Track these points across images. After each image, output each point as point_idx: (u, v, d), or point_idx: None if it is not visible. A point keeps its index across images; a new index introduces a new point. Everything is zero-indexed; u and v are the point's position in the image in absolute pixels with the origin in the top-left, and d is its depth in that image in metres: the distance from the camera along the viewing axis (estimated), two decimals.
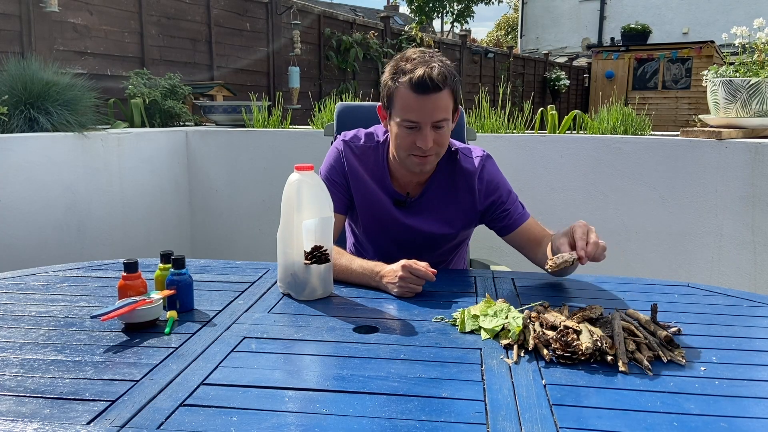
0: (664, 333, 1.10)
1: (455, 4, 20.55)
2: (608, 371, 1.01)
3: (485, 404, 0.90)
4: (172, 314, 1.22)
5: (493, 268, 1.77)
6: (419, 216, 1.63)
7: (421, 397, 0.92)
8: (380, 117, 1.60)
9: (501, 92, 3.78)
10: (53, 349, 1.09)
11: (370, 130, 1.69)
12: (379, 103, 1.58)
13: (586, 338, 1.05)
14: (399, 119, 1.47)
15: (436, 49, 1.57)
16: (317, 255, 1.34)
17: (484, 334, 1.15)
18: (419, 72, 1.41)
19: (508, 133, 3.05)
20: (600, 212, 2.81)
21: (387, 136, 1.64)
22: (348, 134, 1.68)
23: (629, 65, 14.41)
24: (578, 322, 1.11)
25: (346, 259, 1.49)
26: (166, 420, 0.85)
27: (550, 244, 1.44)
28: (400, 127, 1.48)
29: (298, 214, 1.32)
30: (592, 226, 1.36)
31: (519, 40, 20.99)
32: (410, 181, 1.62)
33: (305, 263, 1.34)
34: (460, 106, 1.53)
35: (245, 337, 1.15)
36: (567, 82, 15.16)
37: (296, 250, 1.34)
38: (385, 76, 1.50)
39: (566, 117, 3.02)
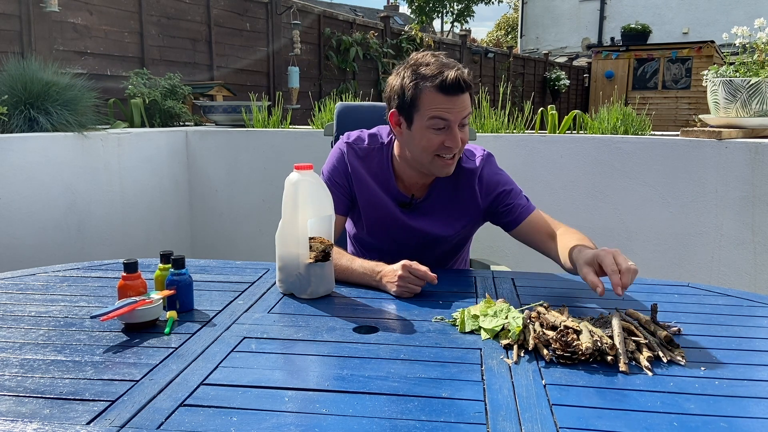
0: (664, 333, 1.10)
1: (455, 4, 20.56)
2: (608, 371, 1.01)
3: (485, 404, 0.90)
4: (171, 314, 1.22)
5: (493, 268, 1.77)
6: (424, 218, 1.62)
7: (421, 397, 0.92)
8: (392, 124, 1.55)
9: (501, 92, 3.78)
10: (53, 349, 1.09)
11: (374, 131, 1.67)
12: (391, 110, 1.52)
13: (586, 338, 1.05)
14: (428, 119, 1.46)
15: (443, 52, 1.58)
16: (320, 252, 1.34)
17: (484, 334, 1.15)
18: (451, 74, 1.43)
19: (508, 133, 3.05)
20: (600, 212, 2.81)
21: (391, 138, 1.63)
22: (352, 135, 1.66)
23: (629, 65, 14.41)
24: (578, 323, 1.11)
25: (346, 259, 1.49)
26: (166, 420, 0.85)
27: (567, 255, 1.40)
28: (427, 129, 1.47)
29: (298, 213, 1.32)
30: (616, 250, 1.24)
31: (519, 40, 20.99)
32: (416, 182, 1.61)
33: (309, 261, 1.34)
34: None
35: (245, 337, 1.15)
36: (567, 82, 15.16)
37: (298, 249, 1.34)
38: (403, 82, 1.48)
39: (566, 117, 3.01)
